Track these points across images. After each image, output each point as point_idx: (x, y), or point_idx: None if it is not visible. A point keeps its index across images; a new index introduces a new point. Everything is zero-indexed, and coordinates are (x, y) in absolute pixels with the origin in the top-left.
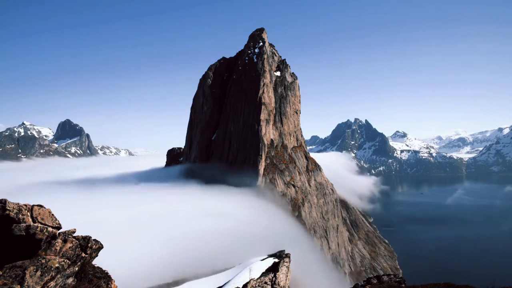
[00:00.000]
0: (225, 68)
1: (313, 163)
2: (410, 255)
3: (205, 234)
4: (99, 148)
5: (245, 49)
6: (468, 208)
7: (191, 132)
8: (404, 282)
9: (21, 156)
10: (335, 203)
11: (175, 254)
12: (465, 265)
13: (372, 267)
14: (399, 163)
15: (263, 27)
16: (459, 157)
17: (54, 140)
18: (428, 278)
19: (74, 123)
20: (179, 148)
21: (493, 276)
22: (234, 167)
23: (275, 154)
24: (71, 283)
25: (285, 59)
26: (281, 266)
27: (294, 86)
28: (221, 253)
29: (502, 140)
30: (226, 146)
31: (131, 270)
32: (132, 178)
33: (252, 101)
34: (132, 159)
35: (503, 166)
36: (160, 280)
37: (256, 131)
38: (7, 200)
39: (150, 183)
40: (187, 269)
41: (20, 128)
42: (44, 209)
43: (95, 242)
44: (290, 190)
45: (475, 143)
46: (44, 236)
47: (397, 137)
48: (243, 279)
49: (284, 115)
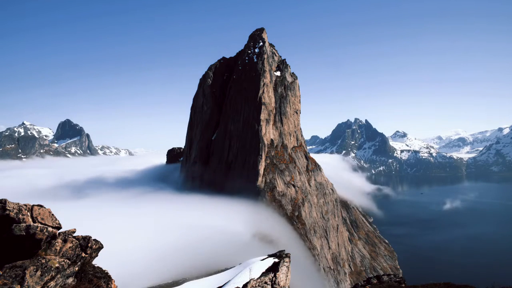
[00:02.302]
0: (225, 68)
1: (313, 163)
2: (410, 255)
3: (205, 234)
4: (99, 148)
5: (245, 49)
6: (468, 208)
7: (191, 132)
8: (404, 282)
9: (21, 156)
10: (335, 203)
11: (175, 254)
12: (465, 265)
13: (372, 267)
14: (399, 163)
15: (263, 27)
16: (459, 157)
17: (54, 140)
18: (428, 278)
19: (74, 123)
20: (179, 148)
21: (493, 276)
22: (233, 171)
23: (275, 154)
24: (71, 283)
25: (285, 59)
26: (281, 266)
27: (294, 86)
28: (221, 253)
29: (502, 140)
30: (226, 146)
31: (131, 270)
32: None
33: (252, 101)
34: (134, 159)
35: (503, 166)
36: (160, 280)
37: (256, 131)
38: (7, 200)
39: (151, 183)
40: (187, 269)
41: (20, 128)
42: (44, 209)
43: (95, 242)
44: (290, 190)
45: (475, 143)
46: (44, 236)
47: (397, 137)
48: (243, 279)
49: (284, 115)
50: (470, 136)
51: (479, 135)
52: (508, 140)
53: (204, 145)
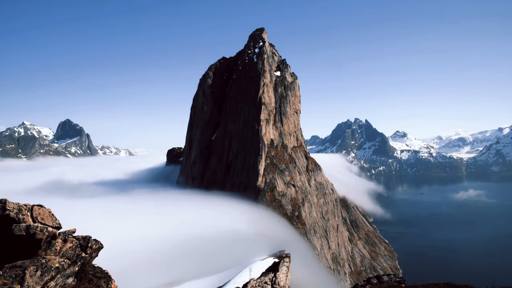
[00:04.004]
0: (225, 68)
1: (313, 163)
2: (410, 255)
3: (205, 234)
4: (99, 148)
5: (245, 49)
6: (468, 208)
7: (191, 132)
8: (404, 282)
9: (21, 156)
10: (335, 203)
11: (175, 254)
12: (465, 265)
13: (372, 267)
14: (399, 163)
15: (263, 27)
16: (459, 157)
17: (54, 140)
18: (428, 278)
19: (74, 123)
20: (179, 148)
21: (493, 276)
22: (233, 171)
23: (275, 154)
24: (71, 283)
25: (285, 59)
26: (281, 266)
27: (294, 86)
28: (221, 252)
29: (502, 140)
30: (226, 146)
31: (130, 270)
32: (137, 180)
33: (252, 101)
34: (134, 159)
35: (503, 166)
36: (160, 280)
37: (256, 131)
38: (7, 200)
39: (150, 183)
40: (187, 269)
41: (20, 128)
42: (44, 209)
43: (95, 242)
44: (290, 190)
45: (475, 143)
46: (44, 236)
47: (397, 137)
48: (243, 279)
49: (284, 115)
50: (470, 136)
51: (479, 135)
52: (508, 140)
53: (204, 145)
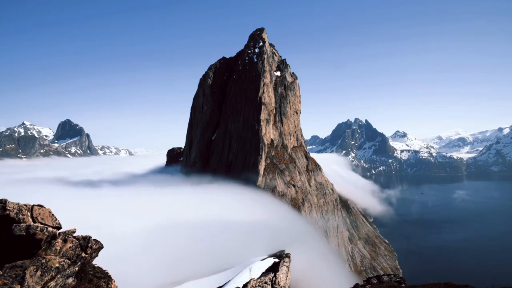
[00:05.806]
0: (225, 68)
1: (313, 163)
2: (410, 255)
3: (205, 233)
4: (99, 148)
5: (245, 49)
6: (468, 208)
7: (191, 132)
8: (404, 282)
9: (21, 156)
10: (335, 203)
11: (175, 254)
12: (465, 265)
13: (372, 267)
14: (399, 163)
15: (263, 27)
16: (459, 157)
17: (54, 140)
18: (428, 278)
19: (74, 123)
20: (179, 148)
21: (493, 276)
22: (233, 171)
23: (275, 154)
24: (71, 283)
25: (285, 59)
26: (281, 266)
27: (294, 86)
28: (221, 252)
29: (502, 140)
30: (226, 146)
31: (130, 270)
32: (137, 180)
33: (252, 101)
34: (134, 159)
35: (503, 166)
36: (160, 280)
37: (256, 131)
38: (7, 200)
39: (150, 183)
40: (187, 269)
41: (20, 128)
42: (44, 209)
43: (95, 242)
44: (290, 190)
45: (475, 143)
46: (44, 236)
47: (397, 137)
48: (243, 279)
49: (284, 115)
50: (470, 136)
51: (479, 135)
52: (508, 140)
53: (204, 145)
